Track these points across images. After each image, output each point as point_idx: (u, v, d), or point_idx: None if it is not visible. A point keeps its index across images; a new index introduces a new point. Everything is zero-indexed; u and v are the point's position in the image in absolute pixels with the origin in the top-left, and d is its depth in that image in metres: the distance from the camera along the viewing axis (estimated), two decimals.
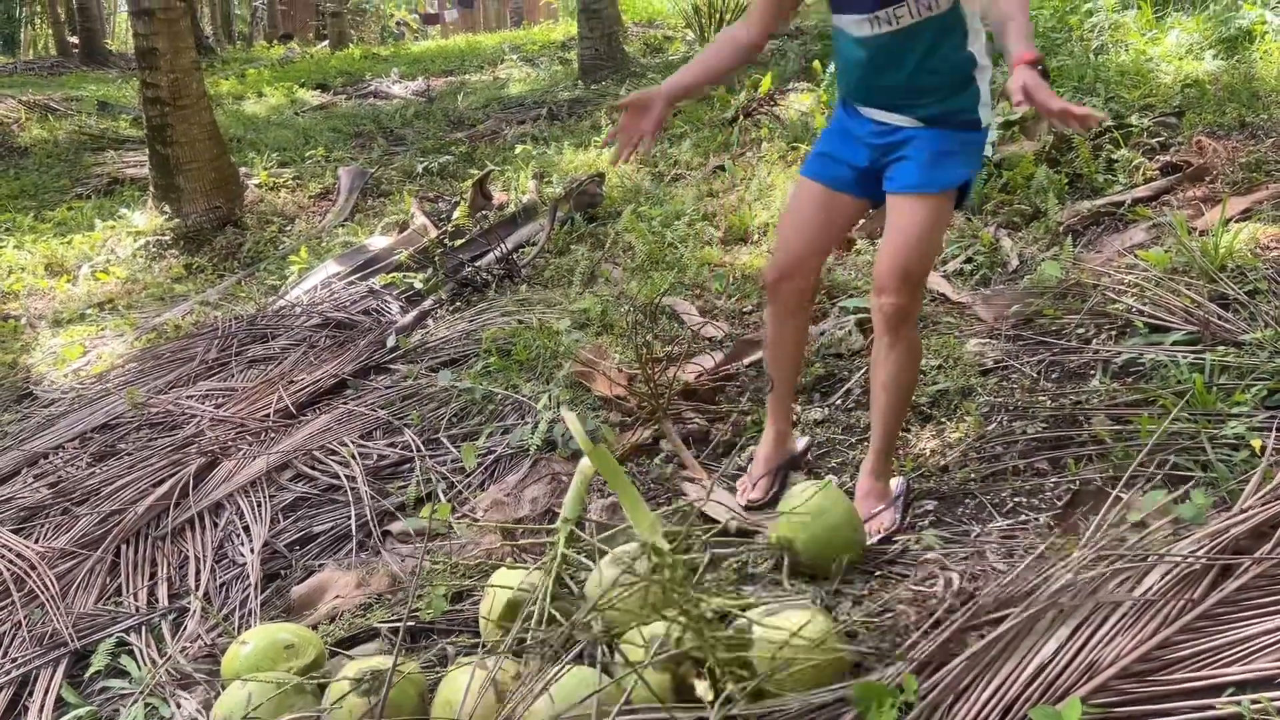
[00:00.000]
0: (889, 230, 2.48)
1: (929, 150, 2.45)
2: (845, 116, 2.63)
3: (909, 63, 2.42)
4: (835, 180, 2.60)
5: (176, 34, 6.61)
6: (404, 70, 14.58)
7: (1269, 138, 4.48)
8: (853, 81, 2.56)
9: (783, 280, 2.68)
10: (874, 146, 2.54)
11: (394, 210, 6.72)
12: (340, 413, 3.75)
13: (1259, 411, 2.54)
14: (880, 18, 2.39)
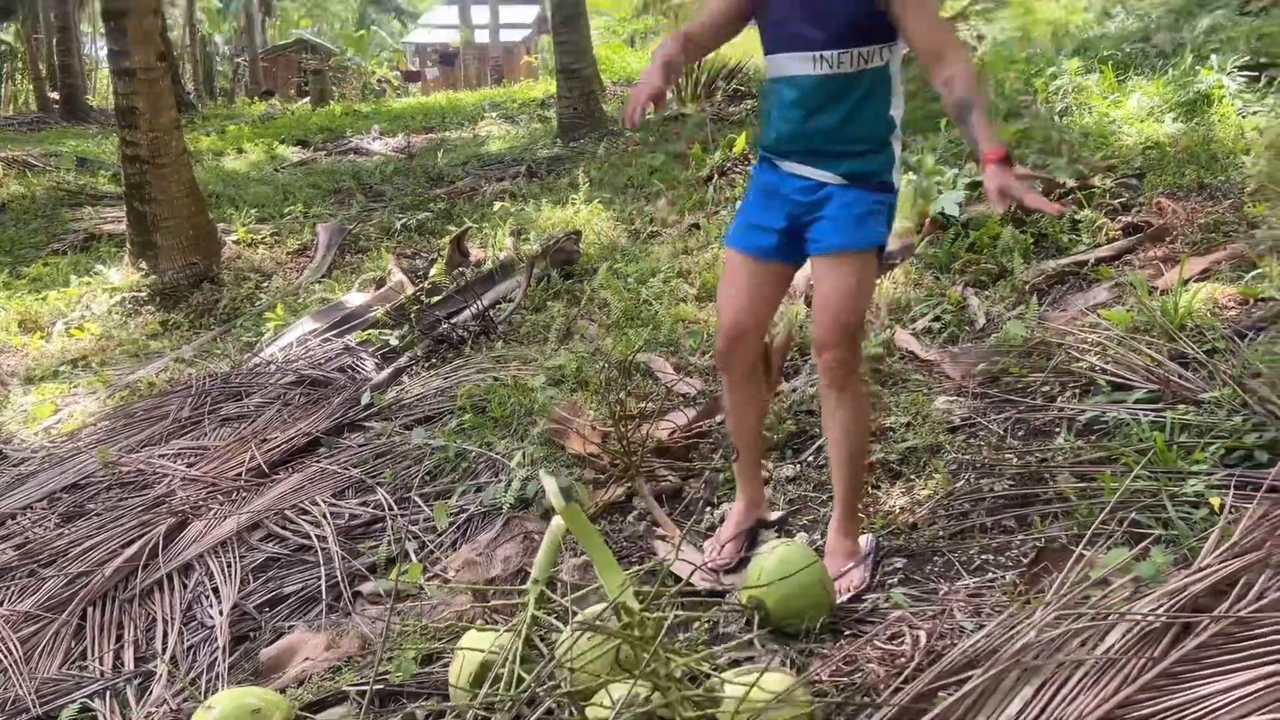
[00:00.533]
0: (822, 289, 2.53)
1: (851, 210, 2.50)
2: (767, 173, 2.66)
3: (841, 110, 2.48)
4: (761, 250, 2.64)
5: (157, 94, 6.67)
6: (384, 127, 14.73)
7: (1226, 199, 4.60)
8: (781, 128, 2.57)
9: (732, 349, 2.71)
10: (796, 204, 2.57)
11: (371, 267, 6.76)
12: (313, 471, 3.75)
13: (1218, 469, 2.59)
14: (825, 58, 2.44)
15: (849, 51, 2.44)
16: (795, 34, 2.47)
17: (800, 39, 2.47)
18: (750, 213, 2.69)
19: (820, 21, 2.43)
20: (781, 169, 2.61)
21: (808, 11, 2.46)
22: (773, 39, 2.55)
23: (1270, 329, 3.26)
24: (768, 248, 2.63)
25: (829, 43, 2.43)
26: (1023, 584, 2.42)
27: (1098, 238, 4.56)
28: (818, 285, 2.55)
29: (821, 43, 2.43)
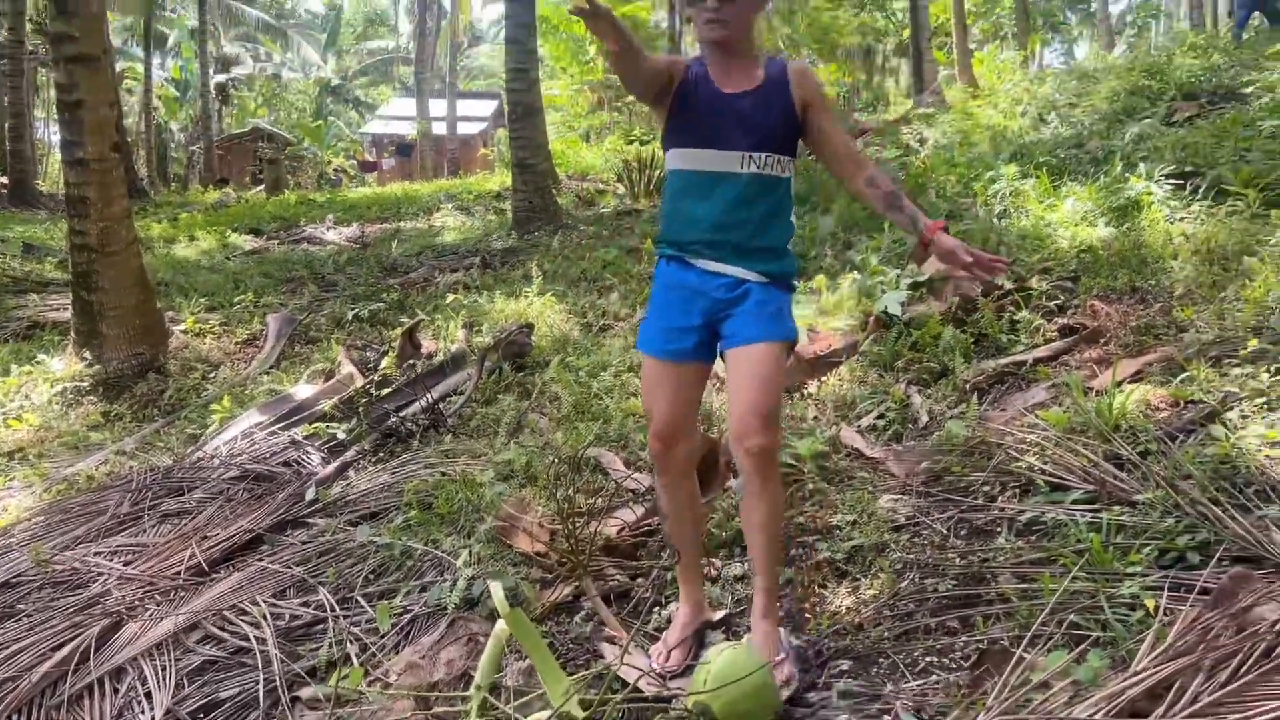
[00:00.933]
0: (742, 379, 2.57)
1: (768, 306, 2.62)
2: (681, 272, 2.69)
3: (761, 210, 2.61)
4: (680, 354, 2.69)
5: (109, 183, 6.67)
6: (339, 216, 14.81)
7: (1157, 302, 4.77)
8: (699, 225, 2.63)
9: (667, 450, 2.74)
10: (716, 301, 2.63)
11: (321, 358, 6.73)
12: (254, 570, 3.67)
13: (1153, 571, 2.65)
14: (754, 159, 2.58)
15: (773, 156, 2.61)
16: (723, 134, 2.58)
17: (729, 139, 2.58)
18: (666, 316, 2.72)
19: (750, 124, 2.58)
20: (698, 267, 2.65)
21: (737, 114, 2.59)
22: (695, 135, 2.62)
23: (1199, 431, 3.37)
24: (687, 350, 2.69)
25: (758, 145, 2.58)
26: (966, 686, 2.43)
27: (1035, 339, 4.70)
28: (735, 379, 2.61)
29: (751, 145, 2.57)
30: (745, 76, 2.63)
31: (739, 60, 2.63)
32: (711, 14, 2.53)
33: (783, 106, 2.61)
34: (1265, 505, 2.81)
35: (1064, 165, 7.78)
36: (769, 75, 2.64)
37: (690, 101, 2.61)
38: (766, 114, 2.59)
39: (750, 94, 2.61)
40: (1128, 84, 10.73)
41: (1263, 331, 3.89)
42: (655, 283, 2.80)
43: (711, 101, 2.60)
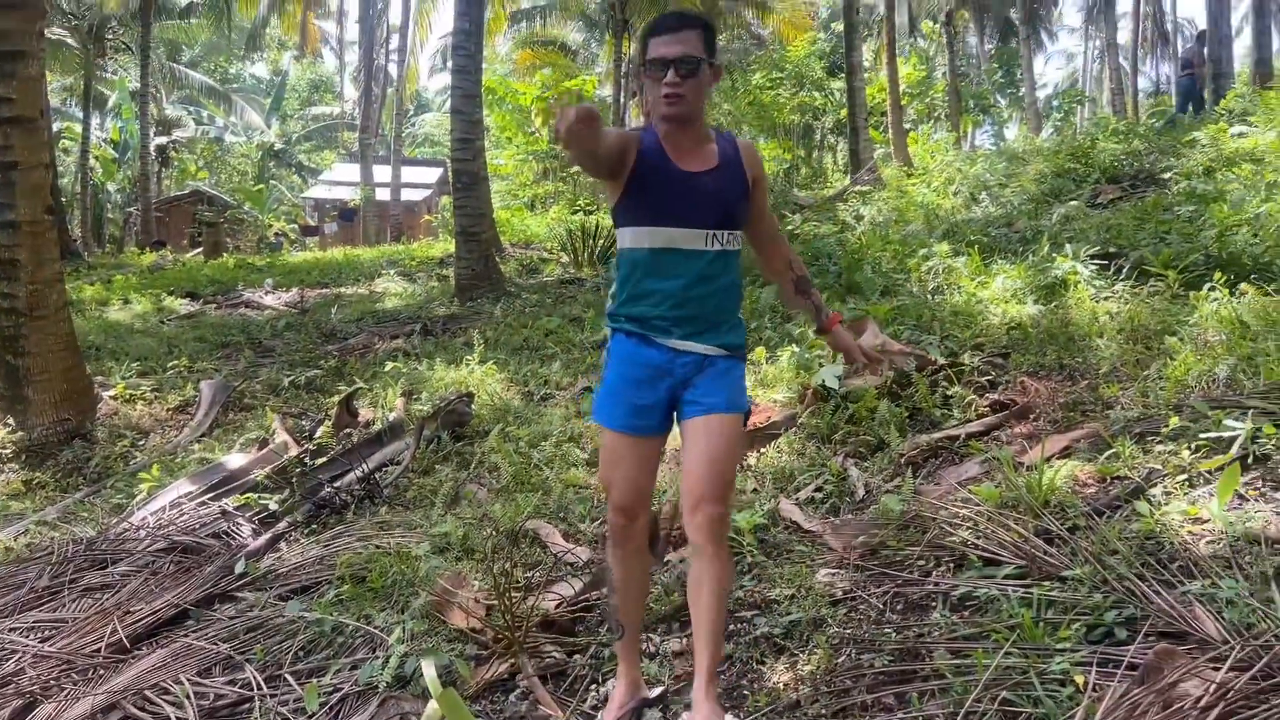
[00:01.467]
0: (702, 449, 2.61)
1: (729, 377, 2.68)
2: (645, 349, 2.68)
3: (720, 284, 2.66)
4: (647, 428, 2.70)
5: (41, 246, 6.57)
6: (278, 280, 14.68)
7: (1084, 379, 4.91)
8: (663, 303, 2.63)
9: (628, 524, 2.73)
10: (678, 377, 2.66)
11: (255, 426, 6.62)
12: (178, 646, 3.56)
13: (1082, 646, 2.68)
14: (718, 236, 2.63)
15: (734, 232, 2.68)
16: (689, 213, 2.60)
17: (695, 217, 2.60)
18: (629, 392, 2.70)
19: (715, 204, 2.62)
20: (662, 345, 2.66)
21: (702, 194, 2.61)
22: (659, 213, 2.62)
23: (1125, 507, 3.45)
24: (653, 425, 2.71)
25: (722, 223, 2.63)
26: None
27: (968, 413, 4.80)
28: (694, 446, 2.63)
29: (716, 223, 2.62)
30: (701, 153, 2.65)
31: (691, 134, 2.65)
32: (671, 89, 2.54)
33: (739, 183, 2.67)
34: (1188, 581, 2.87)
35: (994, 244, 8.02)
36: (722, 151, 2.68)
37: (650, 179, 2.61)
38: (727, 193, 2.64)
39: (710, 173, 2.64)
40: (1054, 166, 11.15)
41: (1183, 409, 4.02)
42: (613, 356, 2.77)
43: (674, 181, 2.61)
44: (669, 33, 2.55)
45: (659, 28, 2.58)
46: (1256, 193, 7.30)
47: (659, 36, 2.56)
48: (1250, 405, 3.77)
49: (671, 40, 2.54)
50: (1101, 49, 30.79)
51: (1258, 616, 2.62)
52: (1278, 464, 3.45)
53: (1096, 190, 9.71)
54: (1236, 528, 3.08)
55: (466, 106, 11.74)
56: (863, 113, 16.37)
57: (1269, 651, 2.45)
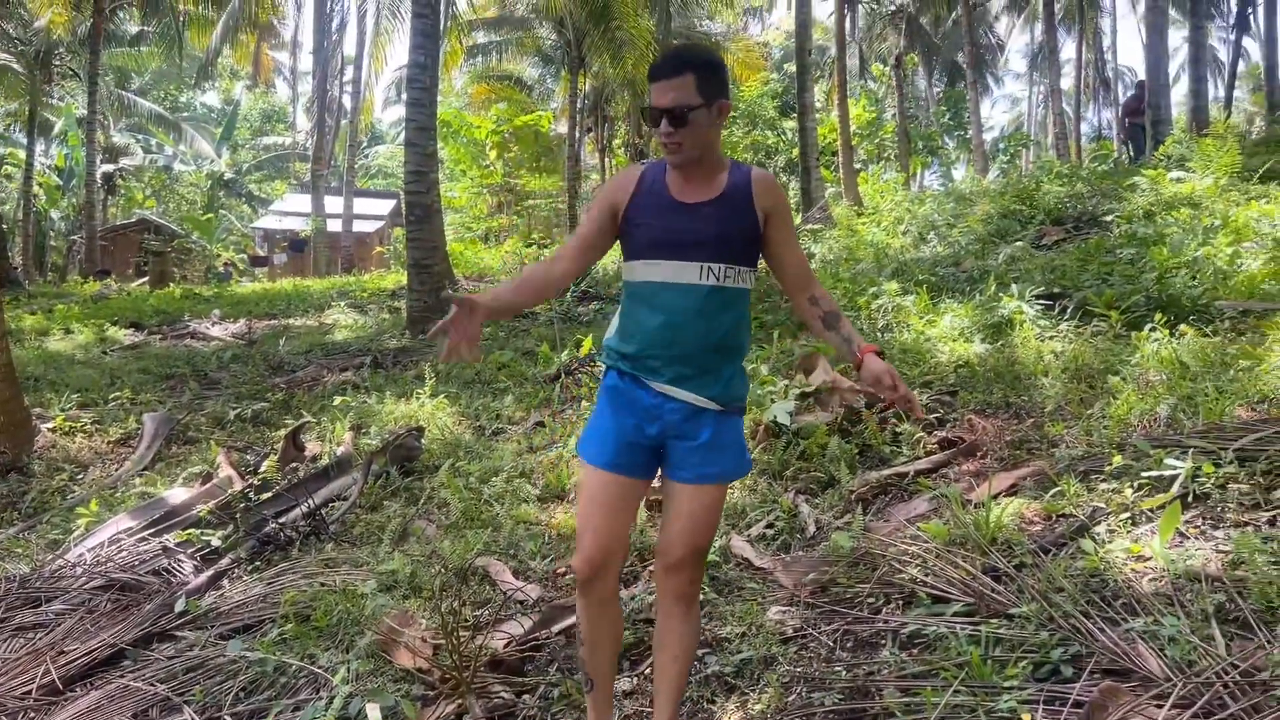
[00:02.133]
0: (683, 513, 2.55)
1: (727, 440, 2.58)
2: (635, 389, 2.59)
3: (717, 325, 2.52)
4: (633, 468, 2.59)
5: None
6: (225, 311, 14.46)
7: (1030, 417, 4.98)
8: (652, 341, 2.54)
9: (599, 573, 2.59)
10: (671, 424, 2.55)
11: (199, 460, 6.48)
12: (114, 688, 3.46)
13: (1029, 684, 2.71)
14: (713, 270, 2.50)
15: (733, 267, 2.53)
16: (681, 244, 2.51)
17: (687, 249, 2.50)
18: (619, 426, 2.59)
19: (708, 235, 2.51)
20: (652, 388, 2.56)
21: (695, 224, 2.52)
22: (651, 245, 2.54)
23: (1070, 545, 3.50)
24: (638, 465, 2.61)
25: (717, 256, 2.51)
26: None
27: (917, 450, 4.84)
28: (678, 507, 2.56)
29: (709, 256, 2.50)
30: (706, 185, 2.56)
31: (702, 172, 2.57)
32: (667, 139, 2.49)
33: (744, 216, 2.55)
34: (1132, 618, 2.91)
35: (942, 283, 8.15)
36: (732, 183, 2.57)
37: (645, 213, 2.55)
38: (726, 224, 2.52)
39: (710, 204, 2.54)
40: (1000, 207, 11.39)
41: (1126, 448, 4.09)
42: (603, 391, 2.69)
43: (668, 211, 2.54)
44: (662, 79, 2.48)
45: (652, 74, 2.52)
46: (1194, 236, 7.52)
47: (653, 84, 2.50)
48: (1190, 444, 3.84)
49: (665, 88, 2.47)
50: (1046, 94, 31.63)
51: (1199, 654, 2.66)
52: (1217, 503, 3.52)
53: (1041, 231, 9.92)
54: (1178, 565, 3.13)
55: (421, 139, 11.72)
56: (814, 152, 16.60)
57: (1209, 689, 2.49)
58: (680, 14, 25.06)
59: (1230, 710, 2.41)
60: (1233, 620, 2.82)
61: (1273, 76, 21.08)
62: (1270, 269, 6.34)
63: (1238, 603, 2.87)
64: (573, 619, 3.63)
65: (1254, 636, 2.70)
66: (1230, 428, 3.98)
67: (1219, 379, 4.54)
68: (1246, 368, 4.58)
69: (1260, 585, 2.88)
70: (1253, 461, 3.63)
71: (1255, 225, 7.53)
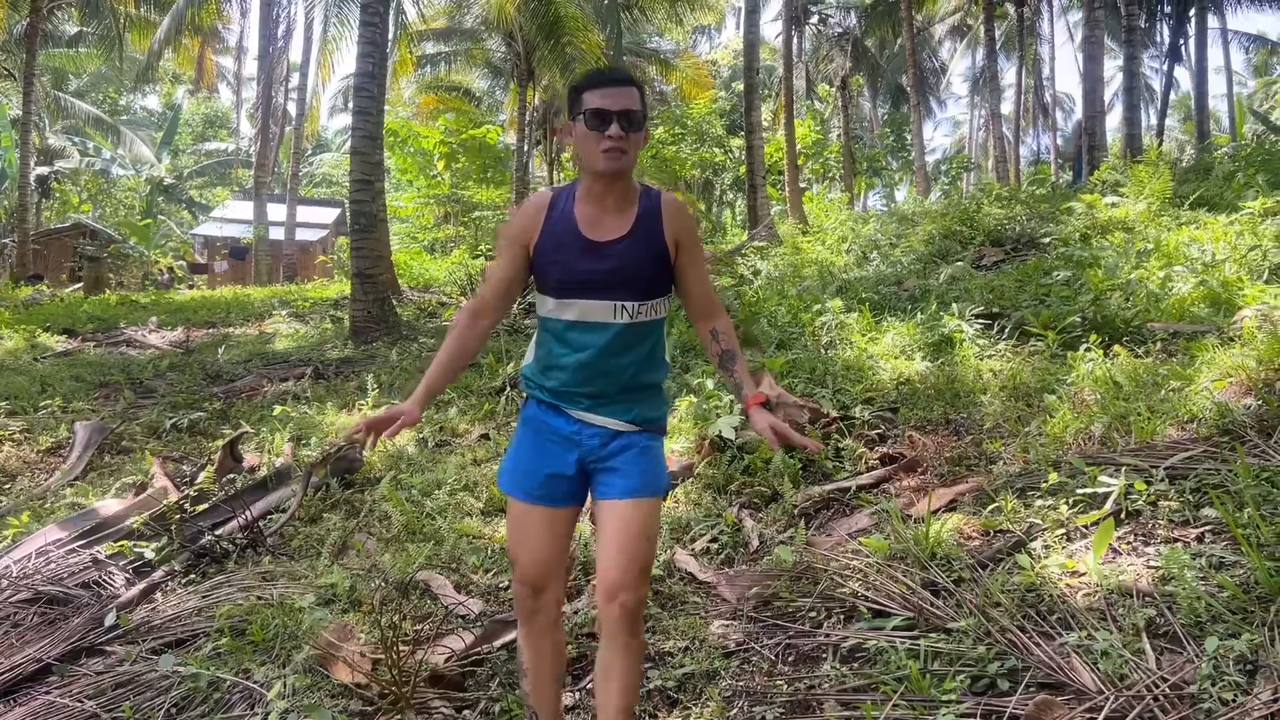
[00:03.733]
0: (618, 533, 2.48)
1: (647, 456, 2.56)
2: (553, 417, 2.60)
3: (633, 356, 2.53)
4: (554, 498, 2.58)
5: None
6: (163, 319, 14.18)
7: (969, 434, 5.07)
8: (569, 373, 2.54)
9: (537, 598, 2.59)
10: (590, 449, 2.55)
11: (133, 470, 6.33)
12: (39, 704, 3.35)
13: (966, 698, 2.74)
14: (626, 308, 2.49)
15: (647, 303, 2.52)
16: (595, 285, 2.48)
17: (601, 289, 2.48)
18: (538, 459, 2.60)
19: (622, 276, 2.48)
20: (572, 416, 2.57)
21: (609, 265, 2.48)
22: (564, 285, 2.51)
23: (1007, 560, 3.56)
24: (561, 494, 2.59)
25: (632, 295, 2.49)
26: None
27: (859, 465, 4.90)
28: (610, 529, 2.50)
29: (624, 295, 2.49)
30: (618, 218, 2.52)
31: (616, 193, 2.52)
32: (614, 143, 2.42)
33: (655, 248, 2.52)
34: (1066, 632, 2.97)
35: (885, 301, 8.27)
36: (642, 211, 2.54)
37: (555, 252, 2.51)
38: (639, 263, 2.50)
39: (623, 240, 2.50)
40: (942, 228, 11.59)
41: (1061, 466, 4.18)
42: (523, 422, 2.68)
43: (578, 251, 2.49)
44: (613, 85, 2.46)
45: (600, 80, 2.49)
46: (1128, 259, 7.72)
47: (601, 89, 2.45)
48: (1123, 462, 3.94)
49: (617, 94, 2.44)
50: (987, 118, 32.34)
51: (1130, 667, 2.72)
52: (1148, 519, 3.60)
53: (981, 252, 10.12)
54: (1110, 581, 3.20)
55: (367, 148, 11.63)
56: (761, 170, 16.78)
57: (1140, 702, 2.54)
58: (630, 31, 25.22)
59: None
60: (1163, 634, 2.89)
61: (1202, 106, 21.79)
62: (1199, 292, 6.53)
63: (1167, 617, 2.94)
64: (514, 634, 3.61)
65: (1183, 650, 2.77)
66: (1161, 446, 4.08)
67: (1151, 399, 4.66)
68: (1177, 388, 4.70)
69: (1189, 600, 2.95)
70: (1182, 480, 3.73)
71: (1185, 250, 7.76)
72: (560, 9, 19.27)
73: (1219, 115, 40.69)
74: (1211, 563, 3.19)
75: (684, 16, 27.19)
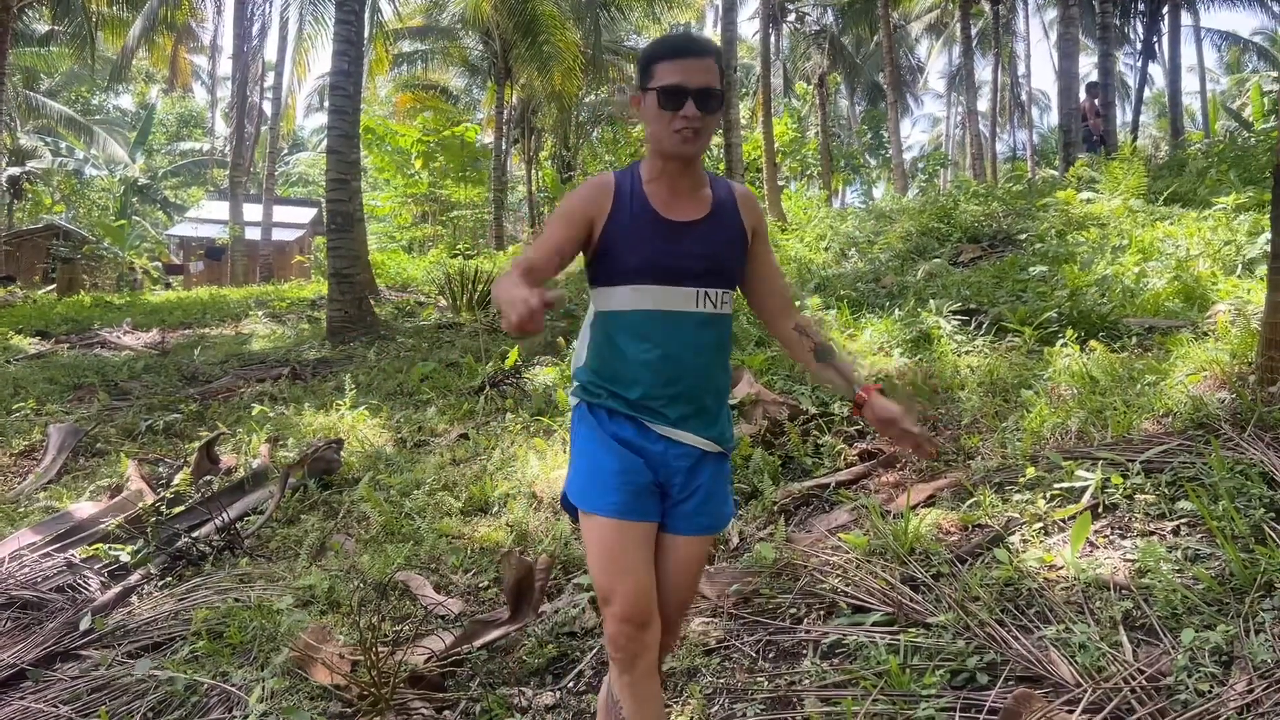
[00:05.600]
0: (678, 569, 2.31)
1: (720, 487, 2.35)
2: (630, 433, 2.28)
3: (710, 356, 2.28)
4: (648, 512, 2.26)
5: None
6: (138, 320, 14.04)
7: (947, 429, 5.09)
8: (650, 376, 2.23)
9: (641, 631, 2.22)
10: (674, 472, 2.28)
11: (109, 472, 6.27)
12: (13, 710, 3.32)
13: (946, 692, 2.75)
14: (709, 295, 2.24)
15: (726, 292, 2.29)
16: (676, 268, 2.23)
17: (682, 273, 2.23)
18: (624, 471, 2.24)
19: (704, 257, 2.25)
20: (655, 432, 2.27)
21: (690, 246, 2.25)
22: (641, 270, 2.23)
23: (986, 555, 3.57)
24: (654, 508, 2.29)
25: (713, 280, 2.26)
26: None
27: (838, 462, 4.91)
28: (674, 562, 2.31)
29: (706, 280, 2.24)
30: (693, 200, 2.29)
31: (688, 177, 2.29)
32: (686, 124, 2.17)
33: (733, 236, 2.30)
34: (1044, 626, 2.98)
35: (863, 298, 8.28)
36: (717, 198, 2.32)
37: (631, 231, 2.23)
38: (719, 245, 2.27)
39: (702, 222, 2.27)
40: (919, 225, 11.63)
41: (1039, 460, 4.20)
42: (591, 431, 2.31)
43: (659, 232, 2.24)
44: (691, 57, 2.19)
45: (676, 49, 2.21)
46: (1103, 255, 7.77)
47: (676, 60, 2.18)
48: (1099, 456, 3.96)
49: (695, 67, 2.17)
50: (963, 115, 32.52)
51: (1107, 660, 2.73)
52: (1125, 513, 3.63)
53: (958, 249, 10.16)
54: (1088, 574, 3.22)
55: (343, 146, 11.56)
56: (739, 168, 16.78)
57: (1118, 694, 2.56)
58: (608, 29, 25.18)
59: (1138, 714, 2.48)
60: (1139, 627, 2.91)
61: (1176, 103, 21.99)
62: (1173, 287, 6.58)
63: (1144, 610, 2.96)
64: (495, 634, 3.60)
65: (1159, 642, 2.79)
66: (1137, 440, 4.11)
67: (1126, 393, 4.69)
68: (1152, 382, 4.74)
69: (1165, 593, 2.98)
70: (1158, 473, 3.76)
71: (1160, 245, 7.82)
72: (537, 7, 19.25)
73: (1193, 112, 41.12)
74: (1187, 555, 3.22)
75: (661, 15, 27.20)
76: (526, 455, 5.74)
